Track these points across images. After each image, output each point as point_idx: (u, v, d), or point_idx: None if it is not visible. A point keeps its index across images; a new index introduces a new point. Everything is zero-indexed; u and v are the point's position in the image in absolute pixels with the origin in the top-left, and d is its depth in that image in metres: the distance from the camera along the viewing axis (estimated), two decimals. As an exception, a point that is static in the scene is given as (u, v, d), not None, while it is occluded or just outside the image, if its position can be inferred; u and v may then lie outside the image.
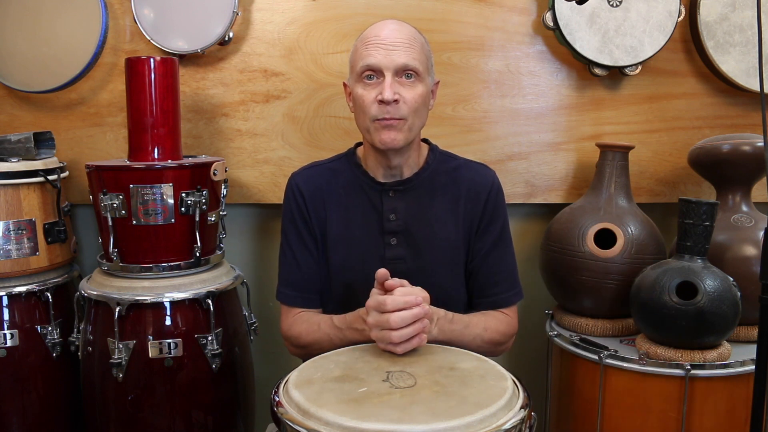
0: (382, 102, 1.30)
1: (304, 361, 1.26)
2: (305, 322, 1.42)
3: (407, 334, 1.16)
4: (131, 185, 1.56)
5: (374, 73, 1.32)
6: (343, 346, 1.29)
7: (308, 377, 1.12)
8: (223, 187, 1.73)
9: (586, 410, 1.60)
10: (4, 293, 1.66)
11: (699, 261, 1.51)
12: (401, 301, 1.16)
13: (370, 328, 1.20)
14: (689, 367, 1.46)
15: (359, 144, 1.50)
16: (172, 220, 1.60)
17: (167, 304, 1.59)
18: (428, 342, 1.24)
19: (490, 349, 1.39)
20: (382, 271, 1.21)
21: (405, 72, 1.32)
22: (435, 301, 1.40)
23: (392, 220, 1.41)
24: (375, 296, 1.20)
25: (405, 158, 1.40)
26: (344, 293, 1.42)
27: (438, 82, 1.43)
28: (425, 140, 1.51)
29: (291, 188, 1.47)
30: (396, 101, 1.30)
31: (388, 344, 1.18)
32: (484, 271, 1.44)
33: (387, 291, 1.20)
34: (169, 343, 1.58)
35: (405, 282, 1.21)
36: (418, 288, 1.22)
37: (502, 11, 1.90)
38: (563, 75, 1.94)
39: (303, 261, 1.44)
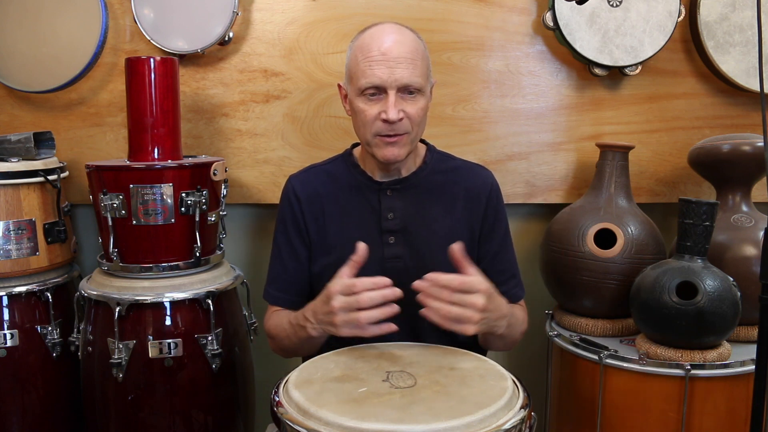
0: (386, 120, 1.30)
1: (286, 356, 1.30)
2: (277, 317, 1.44)
3: (375, 317, 1.14)
4: (131, 185, 1.56)
5: (377, 90, 1.31)
6: (298, 342, 1.32)
7: (308, 377, 1.12)
8: (223, 187, 1.73)
9: (586, 410, 1.60)
10: (4, 293, 1.66)
11: (699, 261, 1.51)
12: (369, 282, 1.14)
13: (330, 315, 1.16)
14: (689, 367, 1.46)
15: (356, 144, 1.50)
16: (172, 220, 1.60)
17: (167, 304, 1.60)
18: (491, 335, 1.25)
19: (517, 341, 1.41)
20: (361, 248, 1.19)
21: (407, 89, 1.31)
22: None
23: (390, 219, 1.41)
24: (340, 281, 1.17)
25: (404, 162, 1.41)
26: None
27: (434, 83, 1.43)
28: (422, 140, 1.51)
29: (287, 192, 1.48)
30: (400, 119, 1.30)
31: (355, 328, 1.15)
32: (494, 270, 1.44)
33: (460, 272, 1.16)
34: (169, 343, 1.58)
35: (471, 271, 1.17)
36: (481, 278, 1.17)
37: (502, 11, 1.90)
38: (563, 75, 1.94)
39: (289, 265, 1.46)
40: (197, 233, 1.63)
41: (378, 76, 1.29)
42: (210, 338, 1.61)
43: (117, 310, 1.56)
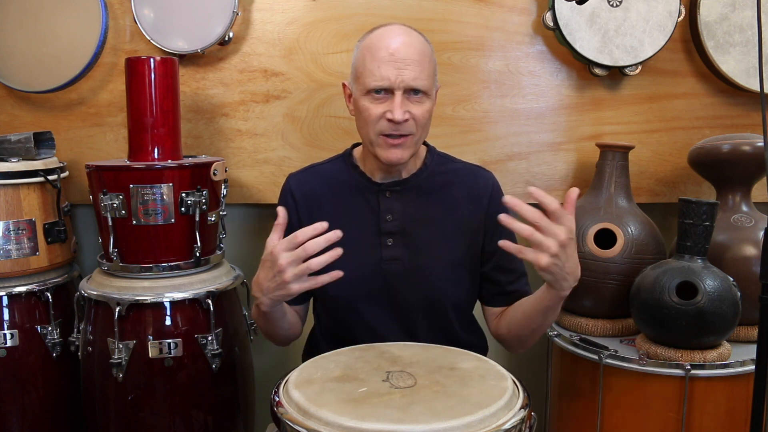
0: (391, 120, 1.30)
1: (274, 342, 1.34)
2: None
3: (325, 260, 1.14)
4: (131, 185, 1.56)
5: (384, 90, 1.31)
6: (264, 322, 1.33)
7: (308, 377, 1.12)
8: (223, 187, 1.73)
9: (586, 410, 1.60)
10: (4, 293, 1.66)
11: (699, 261, 1.51)
12: (309, 229, 1.14)
13: (280, 275, 1.15)
14: (689, 367, 1.46)
15: (356, 144, 1.50)
16: (172, 220, 1.60)
17: (167, 304, 1.60)
18: (551, 300, 1.25)
19: (540, 336, 1.39)
20: (281, 212, 1.20)
21: (414, 90, 1.31)
22: (431, 302, 1.41)
23: (389, 220, 1.41)
24: (279, 242, 1.17)
25: (405, 164, 1.40)
26: (340, 294, 1.42)
27: (439, 87, 1.43)
28: (423, 141, 1.51)
29: (285, 191, 1.48)
30: (406, 120, 1.30)
31: (305, 280, 1.16)
32: (504, 270, 1.44)
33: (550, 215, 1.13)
34: (169, 343, 1.58)
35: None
36: (572, 220, 1.16)
37: (502, 11, 1.90)
38: (563, 75, 1.94)
39: None
40: (197, 233, 1.63)
41: (386, 77, 1.29)
42: (210, 338, 1.61)
43: (117, 310, 1.56)
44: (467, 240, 1.43)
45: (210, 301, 1.61)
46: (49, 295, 1.70)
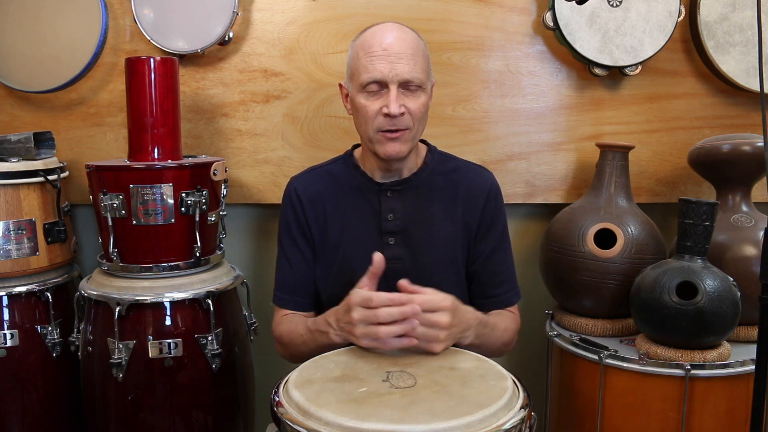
0: (387, 115, 1.31)
1: (296, 362, 1.28)
2: (289, 323, 1.43)
3: (395, 332, 1.15)
4: (131, 185, 1.56)
5: (378, 85, 1.32)
6: (316, 348, 1.30)
7: (308, 377, 1.12)
8: (223, 187, 1.73)
9: (586, 410, 1.60)
10: (4, 293, 1.66)
11: (699, 261, 1.51)
12: (386, 297, 1.15)
13: (350, 325, 1.18)
14: (689, 367, 1.46)
15: (357, 145, 1.50)
16: (172, 220, 1.60)
17: (167, 304, 1.60)
18: (462, 346, 1.25)
19: (502, 350, 1.41)
20: (378, 259, 1.23)
21: (409, 84, 1.32)
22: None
23: (390, 220, 1.41)
24: (359, 292, 1.19)
25: (405, 162, 1.41)
26: (344, 294, 1.41)
27: (434, 83, 1.43)
28: (423, 141, 1.51)
29: (289, 194, 1.48)
30: (402, 113, 1.31)
31: (374, 340, 1.17)
32: (487, 272, 1.44)
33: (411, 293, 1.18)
34: (169, 343, 1.58)
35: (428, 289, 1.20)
36: (444, 295, 1.20)
37: (502, 11, 1.90)
38: (563, 75, 1.94)
39: (296, 266, 1.46)
40: (197, 233, 1.63)
41: (379, 70, 1.30)
42: (210, 338, 1.61)
43: (117, 310, 1.56)
44: (464, 238, 1.44)
45: (210, 301, 1.61)
46: (49, 295, 1.70)
